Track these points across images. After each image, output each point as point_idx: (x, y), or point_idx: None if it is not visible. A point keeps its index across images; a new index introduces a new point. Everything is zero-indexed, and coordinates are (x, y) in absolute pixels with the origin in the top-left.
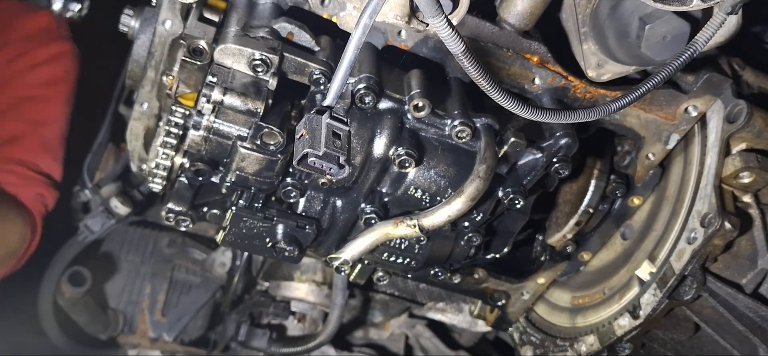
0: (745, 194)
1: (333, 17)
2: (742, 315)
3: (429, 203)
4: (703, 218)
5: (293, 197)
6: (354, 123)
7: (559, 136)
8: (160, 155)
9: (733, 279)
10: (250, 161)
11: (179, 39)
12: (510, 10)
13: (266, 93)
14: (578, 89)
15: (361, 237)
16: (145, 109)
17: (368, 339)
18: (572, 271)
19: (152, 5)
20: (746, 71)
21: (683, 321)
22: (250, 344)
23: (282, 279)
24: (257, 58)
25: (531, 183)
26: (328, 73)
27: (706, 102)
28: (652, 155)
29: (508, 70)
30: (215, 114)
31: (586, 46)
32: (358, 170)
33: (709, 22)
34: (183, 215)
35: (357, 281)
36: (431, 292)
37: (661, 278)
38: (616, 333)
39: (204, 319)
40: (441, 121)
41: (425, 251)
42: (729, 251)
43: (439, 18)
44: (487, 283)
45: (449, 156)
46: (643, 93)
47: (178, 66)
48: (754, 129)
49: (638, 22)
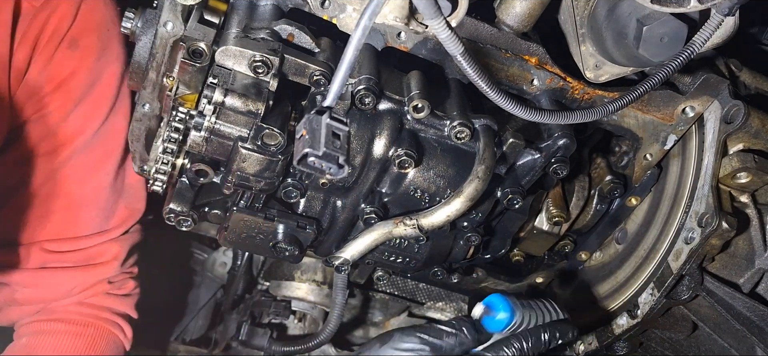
0: (743, 194)
1: (333, 19)
2: (740, 314)
3: (428, 203)
4: (701, 218)
5: (294, 198)
6: (354, 124)
7: (558, 136)
8: (161, 155)
9: (731, 279)
10: (251, 161)
11: (179, 41)
12: (508, 12)
13: (267, 94)
14: (576, 90)
15: (361, 237)
16: (147, 110)
17: (368, 338)
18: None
19: (154, 7)
20: (743, 72)
21: (681, 320)
22: (250, 343)
23: (282, 278)
24: (258, 59)
25: (529, 183)
26: (328, 74)
27: (703, 103)
28: (649, 155)
29: (507, 71)
30: (216, 115)
31: (584, 48)
32: (357, 171)
33: (707, 24)
34: (184, 215)
35: (356, 280)
36: (431, 291)
37: (659, 277)
38: (615, 332)
39: (205, 318)
40: (440, 122)
41: (424, 251)
42: (726, 251)
43: (438, 20)
44: (486, 282)
45: (448, 157)
46: (640, 94)
47: (178, 67)
48: (751, 130)
49: (636, 23)
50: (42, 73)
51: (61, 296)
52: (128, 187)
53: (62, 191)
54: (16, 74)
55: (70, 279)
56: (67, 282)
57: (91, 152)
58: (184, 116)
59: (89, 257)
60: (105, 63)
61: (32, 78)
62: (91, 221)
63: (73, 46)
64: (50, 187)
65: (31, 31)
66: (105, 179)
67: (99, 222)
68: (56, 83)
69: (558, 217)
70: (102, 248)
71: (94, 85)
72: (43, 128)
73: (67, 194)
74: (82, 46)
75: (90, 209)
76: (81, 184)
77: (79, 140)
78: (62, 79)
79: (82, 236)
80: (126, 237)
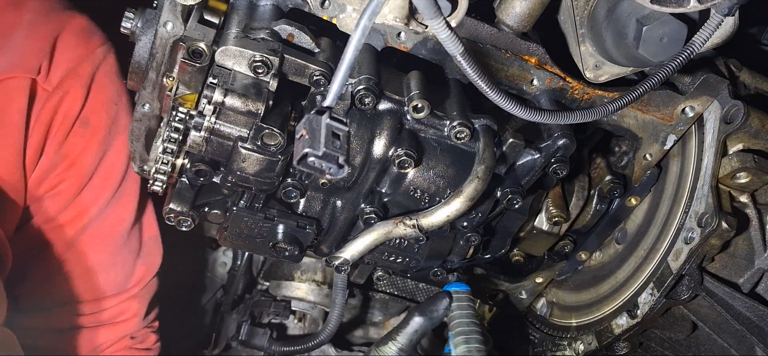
0: (742, 194)
1: (333, 19)
2: (740, 314)
3: (428, 203)
4: (700, 218)
5: (293, 198)
6: (354, 124)
7: (557, 136)
8: (161, 156)
9: (731, 279)
10: (251, 161)
11: (179, 41)
12: (508, 12)
13: (267, 94)
14: (576, 90)
15: (361, 237)
16: (147, 110)
17: (368, 338)
18: (570, 271)
19: (154, 7)
20: (743, 72)
21: (681, 320)
22: (250, 343)
23: (282, 278)
24: (258, 59)
25: (529, 183)
26: (328, 74)
27: (703, 103)
28: (649, 155)
29: (507, 71)
30: (216, 115)
31: (584, 48)
32: (357, 171)
33: (706, 24)
34: (184, 215)
35: (356, 280)
36: (431, 291)
37: (658, 277)
38: (614, 332)
39: (205, 318)
40: (440, 122)
41: (424, 251)
42: (726, 251)
43: (438, 20)
44: (486, 282)
45: (448, 157)
46: (640, 94)
47: (178, 68)
48: (751, 130)
49: (635, 23)
50: (56, 153)
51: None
52: (144, 244)
53: (82, 258)
54: (32, 157)
55: (94, 338)
56: (92, 341)
57: (105, 220)
58: (184, 116)
59: (112, 316)
60: (114, 135)
61: (47, 159)
62: (111, 283)
63: (84, 125)
64: (71, 255)
65: (44, 114)
66: (120, 242)
67: (119, 283)
68: (70, 162)
69: (558, 217)
70: (123, 306)
71: (104, 157)
72: (58, 202)
73: (87, 260)
74: (92, 124)
75: (109, 273)
76: (98, 251)
77: (92, 209)
78: (75, 158)
79: (104, 297)
80: (144, 292)
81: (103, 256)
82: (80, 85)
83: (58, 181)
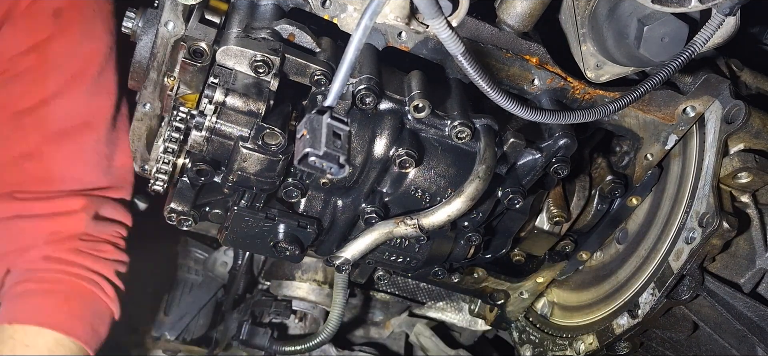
0: (743, 194)
1: (334, 19)
2: (741, 314)
3: (429, 203)
4: (702, 218)
5: (294, 197)
6: (355, 124)
7: (558, 136)
8: (162, 155)
9: (732, 279)
10: (252, 161)
11: (181, 40)
12: (509, 12)
13: (268, 94)
14: (577, 90)
15: (362, 237)
16: (148, 110)
17: (369, 337)
18: (571, 271)
19: (155, 7)
20: (744, 72)
21: (682, 320)
22: (251, 342)
23: (283, 278)
24: (259, 59)
25: (530, 183)
26: (328, 74)
27: (704, 103)
28: (650, 155)
29: (508, 71)
30: (217, 115)
31: (585, 48)
32: (358, 170)
33: (708, 24)
34: (185, 214)
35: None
36: (431, 291)
37: (659, 277)
38: (615, 332)
39: (206, 318)
40: (441, 121)
41: (425, 251)
42: (727, 251)
43: (439, 20)
44: (487, 282)
45: (449, 156)
46: (641, 94)
47: (179, 67)
48: (752, 129)
49: (637, 23)
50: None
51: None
52: (115, 169)
53: (38, 150)
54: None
55: (33, 228)
56: (30, 231)
57: (69, 120)
58: (185, 115)
59: (55, 206)
60: (87, 38)
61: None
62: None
63: (55, 15)
64: (26, 146)
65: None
66: (83, 151)
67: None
68: (31, 45)
69: (559, 217)
70: (68, 199)
71: (72, 55)
72: (18, 87)
73: (44, 153)
74: (64, 17)
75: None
76: (57, 146)
77: (54, 103)
78: (38, 42)
79: (52, 190)
80: (99, 199)
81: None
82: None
83: (15, 62)
